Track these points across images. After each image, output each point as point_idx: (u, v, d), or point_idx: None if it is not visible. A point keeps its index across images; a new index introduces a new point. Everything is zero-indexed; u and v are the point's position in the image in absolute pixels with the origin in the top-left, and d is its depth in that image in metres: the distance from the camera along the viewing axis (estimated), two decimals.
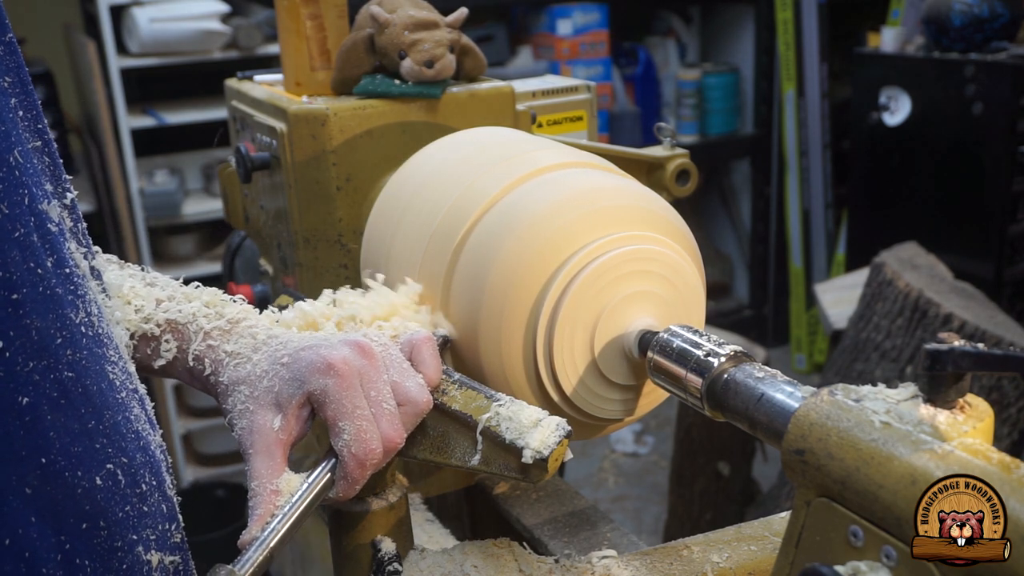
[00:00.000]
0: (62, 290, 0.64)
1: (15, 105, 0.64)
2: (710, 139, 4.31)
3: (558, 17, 3.84)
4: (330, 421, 0.77)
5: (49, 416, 0.62)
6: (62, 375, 0.63)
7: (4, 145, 0.61)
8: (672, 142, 1.22)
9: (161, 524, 0.71)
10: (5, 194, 0.60)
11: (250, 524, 0.75)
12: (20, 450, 0.60)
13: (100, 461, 0.66)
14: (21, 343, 0.60)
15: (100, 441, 0.66)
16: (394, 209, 1.04)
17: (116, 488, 0.67)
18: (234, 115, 1.33)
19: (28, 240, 0.62)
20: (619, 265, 0.86)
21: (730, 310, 4.61)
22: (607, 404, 0.90)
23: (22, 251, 0.61)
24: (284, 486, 0.76)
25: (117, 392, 0.69)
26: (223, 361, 0.82)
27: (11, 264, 0.60)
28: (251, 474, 0.77)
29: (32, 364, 0.61)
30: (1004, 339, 2.28)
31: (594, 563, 0.88)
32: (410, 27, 1.10)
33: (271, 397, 0.78)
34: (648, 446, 3.81)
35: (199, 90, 3.42)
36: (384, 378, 0.79)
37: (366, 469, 0.78)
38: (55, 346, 0.63)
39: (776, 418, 0.68)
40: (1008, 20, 3.01)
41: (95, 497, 0.65)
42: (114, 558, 0.66)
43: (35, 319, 0.61)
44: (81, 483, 0.64)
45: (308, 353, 0.78)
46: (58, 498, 0.62)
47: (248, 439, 0.77)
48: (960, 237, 3.13)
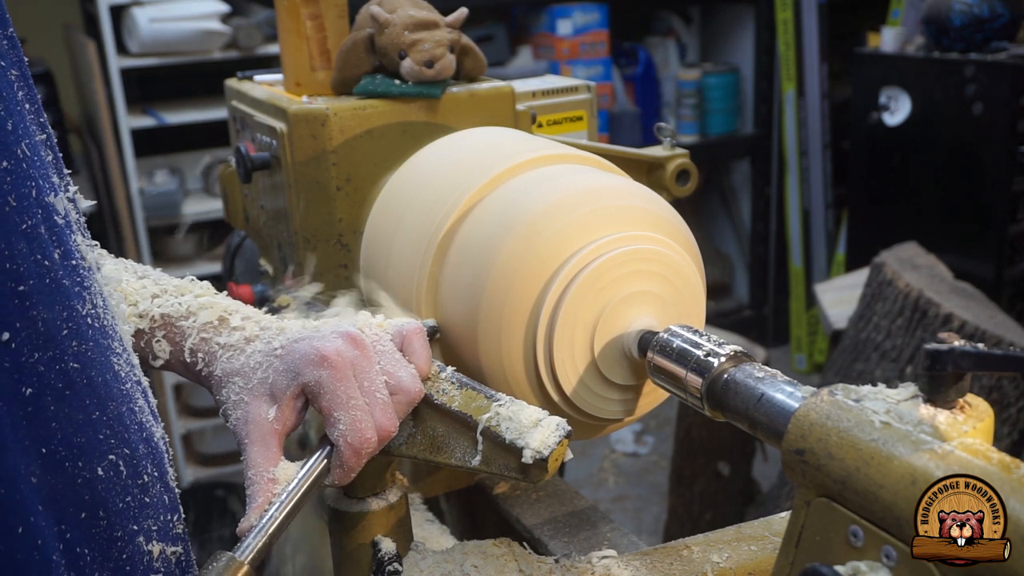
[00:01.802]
0: (68, 282, 0.65)
1: (22, 98, 0.64)
2: (710, 139, 4.31)
3: (558, 17, 3.84)
4: (325, 411, 0.79)
5: (52, 407, 0.62)
6: (68, 366, 0.63)
7: (12, 137, 0.61)
8: (672, 142, 1.22)
9: (163, 515, 0.72)
10: (13, 186, 0.60)
11: (248, 512, 0.76)
12: (23, 439, 0.61)
13: (103, 452, 0.66)
14: (27, 334, 0.60)
15: (103, 432, 0.66)
16: (394, 209, 1.04)
17: (117, 479, 0.67)
18: (234, 115, 1.33)
19: (35, 232, 0.62)
20: (619, 265, 0.86)
21: (730, 310, 4.61)
22: (607, 404, 0.90)
23: (29, 243, 0.61)
24: (281, 474, 0.77)
25: (122, 383, 0.70)
26: (216, 353, 0.83)
27: (18, 256, 0.60)
28: (248, 463, 0.78)
29: (37, 355, 0.61)
30: (1004, 339, 2.28)
31: (594, 563, 0.88)
32: (410, 27, 1.10)
33: (265, 388, 0.80)
34: (648, 446, 3.81)
35: (199, 90, 3.42)
36: (376, 368, 0.81)
37: (361, 457, 0.79)
38: (61, 337, 0.63)
39: (776, 418, 0.68)
40: (1008, 20, 3.01)
41: (95, 487, 0.65)
42: (113, 548, 0.67)
43: (42, 310, 0.62)
44: (82, 473, 0.64)
45: (302, 345, 0.80)
46: (58, 487, 0.63)
47: (244, 429, 0.79)
48: (960, 237, 3.13)
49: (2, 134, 0.60)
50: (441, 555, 0.87)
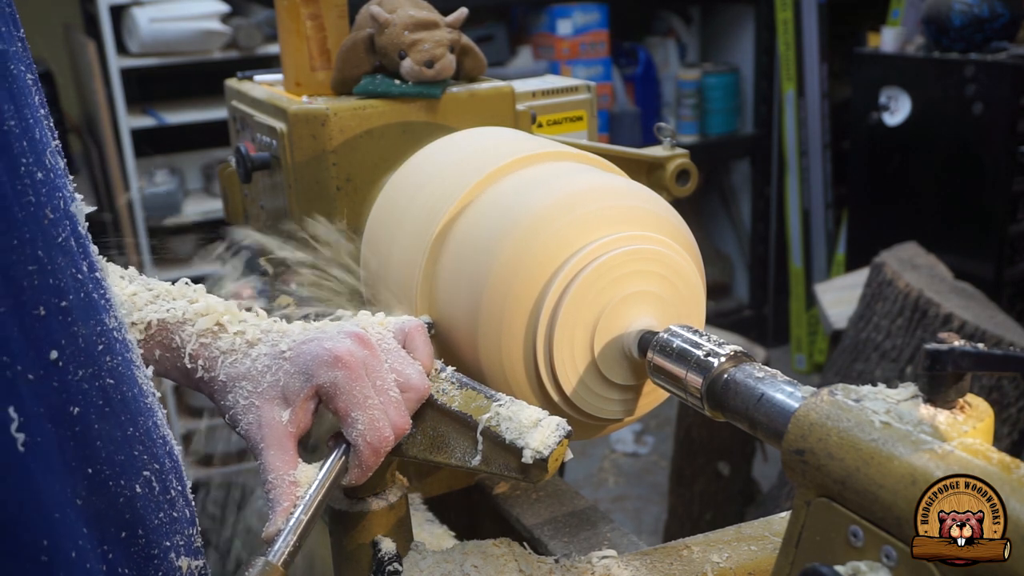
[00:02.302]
0: (96, 295, 0.63)
1: (38, 103, 0.62)
2: (710, 139, 4.31)
3: (558, 17, 3.84)
4: (341, 412, 0.78)
5: (96, 425, 0.61)
6: (104, 382, 0.62)
7: (40, 146, 0.59)
8: (672, 142, 1.22)
9: (186, 529, 0.71)
10: (48, 197, 0.58)
11: (273, 516, 0.75)
12: (71, 461, 0.59)
13: (138, 468, 0.65)
14: (71, 351, 0.59)
15: (137, 448, 0.65)
16: (394, 209, 1.04)
17: (151, 495, 0.66)
18: (234, 115, 1.33)
19: (68, 244, 0.60)
20: (619, 265, 0.86)
21: (730, 310, 4.61)
22: (607, 404, 0.90)
23: (65, 256, 0.59)
24: (301, 477, 0.77)
25: (145, 397, 0.68)
26: (217, 358, 0.82)
27: (59, 270, 0.58)
28: (266, 468, 0.77)
29: (81, 372, 0.60)
30: (1004, 339, 2.28)
31: (594, 563, 0.88)
32: (410, 27, 1.10)
33: (276, 391, 0.79)
34: (648, 446, 3.81)
35: (199, 90, 3.42)
36: (386, 367, 0.81)
37: (380, 456, 0.79)
38: (97, 353, 0.62)
39: (776, 418, 0.68)
40: (1008, 20, 3.01)
41: (135, 505, 0.64)
42: (150, 566, 0.66)
43: (80, 326, 0.60)
44: (123, 492, 0.63)
45: (311, 346, 0.79)
46: (102, 508, 0.62)
47: (258, 434, 0.78)
48: (960, 237, 3.13)
49: (31, 144, 0.58)
50: (441, 555, 0.87)
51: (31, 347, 0.56)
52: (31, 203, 0.57)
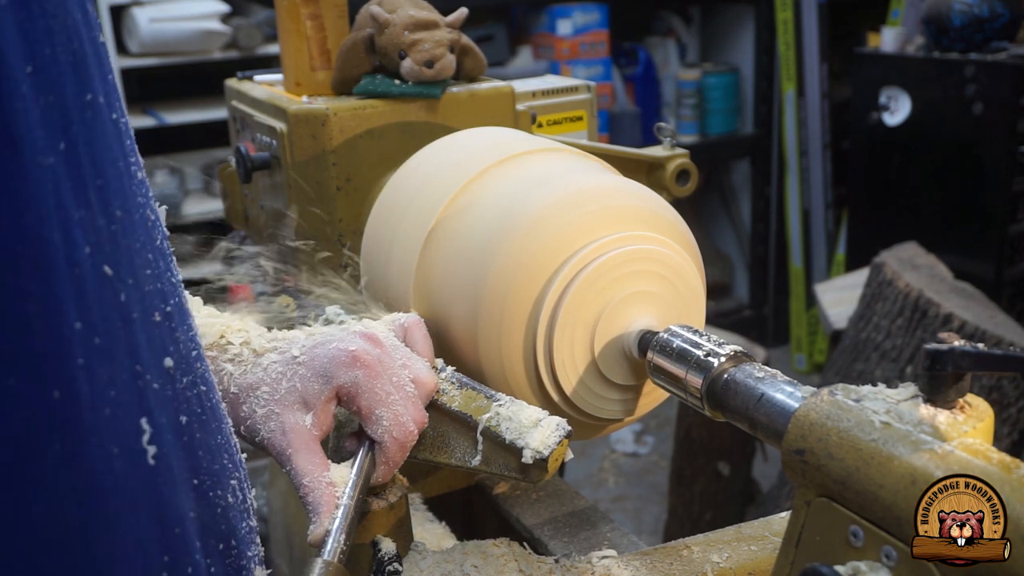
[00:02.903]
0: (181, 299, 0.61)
1: None
2: (710, 139, 4.31)
3: (558, 17, 3.84)
4: (365, 411, 0.78)
5: (198, 434, 0.60)
6: (199, 389, 0.61)
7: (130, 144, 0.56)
8: (672, 142, 1.22)
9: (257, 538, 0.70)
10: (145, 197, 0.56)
11: (318, 518, 0.74)
12: (183, 472, 0.58)
13: (227, 477, 0.64)
14: (178, 359, 0.57)
15: (226, 455, 0.64)
16: (394, 209, 1.04)
17: (238, 504, 0.65)
18: (234, 115, 1.33)
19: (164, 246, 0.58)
20: (619, 265, 0.86)
21: (730, 310, 4.61)
22: (607, 404, 0.90)
23: (164, 259, 0.58)
24: (336, 477, 0.77)
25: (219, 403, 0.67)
26: (225, 372, 0.81)
27: (162, 275, 0.56)
28: (299, 472, 0.76)
29: (185, 380, 0.58)
30: (1004, 339, 2.28)
31: (594, 563, 0.88)
32: (410, 27, 1.10)
33: (295, 396, 0.78)
34: (648, 446, 3.81)
35: (199, 90, 3.42)
36: (399, 363, 0.82)
37: (405, 451, 0.80)
38: (192, 358, 0.60)
39: (776, 418, 0.68)
40: (1008, 20, 3.01)
41: (229, 515, 0.63)
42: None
43: (181, 332, 0.59)
44: (219, 502, 0.62)
45: (326, 349, 0.79)
46: (205, 519, 0.60)
47: (283, 440, 0.77)
48: (960, 237, 3.13)
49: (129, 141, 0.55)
50: (441, 555, 0.87)
51: (153, 355, 0.55)
52: (140, 204, 0.55)
